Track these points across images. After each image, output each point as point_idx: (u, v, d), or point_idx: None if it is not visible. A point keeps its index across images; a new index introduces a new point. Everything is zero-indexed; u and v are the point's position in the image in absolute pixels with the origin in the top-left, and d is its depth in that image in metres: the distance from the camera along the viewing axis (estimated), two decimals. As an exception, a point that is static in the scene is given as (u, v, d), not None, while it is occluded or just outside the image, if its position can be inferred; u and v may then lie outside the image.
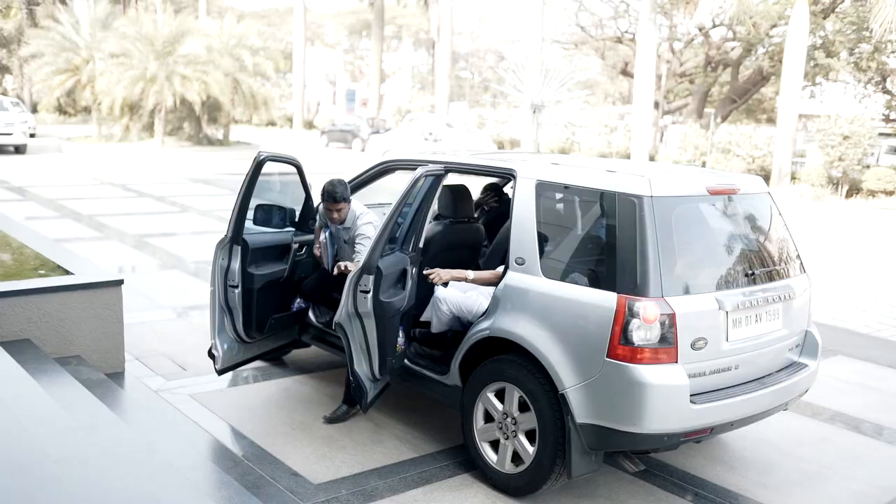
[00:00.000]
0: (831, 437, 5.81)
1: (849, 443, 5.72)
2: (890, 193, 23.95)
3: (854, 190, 24.57)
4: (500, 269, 4.84)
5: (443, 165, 5.22)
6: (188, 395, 5.76)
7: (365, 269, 4.67)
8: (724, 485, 4.94)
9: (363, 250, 5.16)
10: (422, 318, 5.53)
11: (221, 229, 5.64)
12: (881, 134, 28.63)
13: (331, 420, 5.44)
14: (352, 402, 5.44)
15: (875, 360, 7.81)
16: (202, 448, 4.76)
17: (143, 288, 8.70)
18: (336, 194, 5.38)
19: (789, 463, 5.31)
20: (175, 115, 26.78)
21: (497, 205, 6.62)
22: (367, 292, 4.69)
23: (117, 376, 5.82)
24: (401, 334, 5.12)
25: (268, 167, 5.46)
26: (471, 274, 4.98)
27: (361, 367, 4.93)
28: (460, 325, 5.24)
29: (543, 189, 4.68)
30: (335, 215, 5.44)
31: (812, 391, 5.17)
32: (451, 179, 5.66)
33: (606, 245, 4.38)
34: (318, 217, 5.80)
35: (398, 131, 30.13)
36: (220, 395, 5.83)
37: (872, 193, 24.14)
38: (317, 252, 5.66)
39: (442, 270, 5.02)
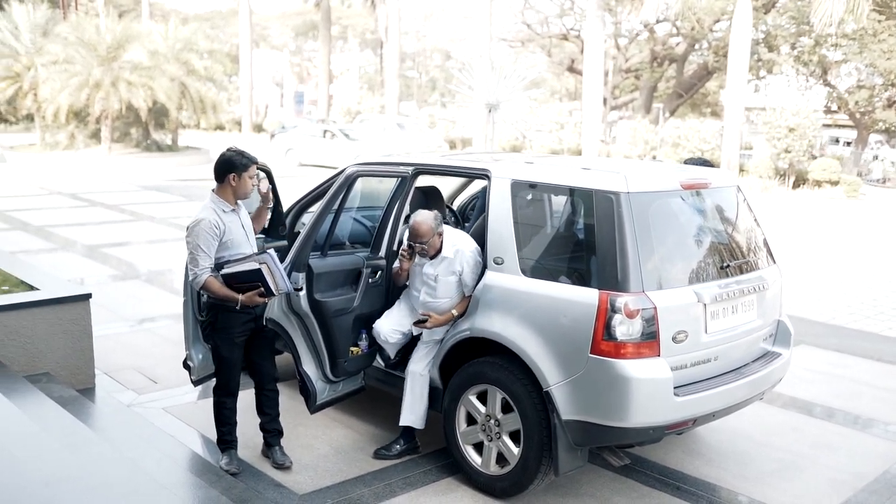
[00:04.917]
0: (803, 426, 5.91)
1: (821, 431, 5.83)
2: (835, 184, 24.57)
3: (801, 181, 25.14)
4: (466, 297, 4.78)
5: (413, 167, 5.20)
6: (161, 408, 5.64)
7: (294, 266, 4.57)
8: (704, 478, 5.00)
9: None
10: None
11: (177, 237, 5.50)
12: (824, 125, 29.35)
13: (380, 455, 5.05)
14: (410, 439, 5.04)
15: (835, 348, 7.98)
16: (183, 463, 4.65)
17: (102, 300, 8.47)
18: (250, 155, 4.58)
19: (765, 453, 5.40)
20: (122, 122, 26.22)
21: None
22: (300, 290, 4.62)
23: (88, 392, 5.67)
24: (364, 337, 5.07)
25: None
26: (455, 311, 4.81)
27: (311, 368, 4.87)
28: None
29: (519, 188, 4.67)
30: (251, 183, 4.58)
31: (782, 381, 5.26)
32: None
33: (585, 242, 4.41)
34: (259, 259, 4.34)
35: (300, 129, 29.89)
36: (194, 407, 5.72)
37: (818, 184, 24.72)
38: (269, 297, 4.37)
39: (437, 317, 4.80)
